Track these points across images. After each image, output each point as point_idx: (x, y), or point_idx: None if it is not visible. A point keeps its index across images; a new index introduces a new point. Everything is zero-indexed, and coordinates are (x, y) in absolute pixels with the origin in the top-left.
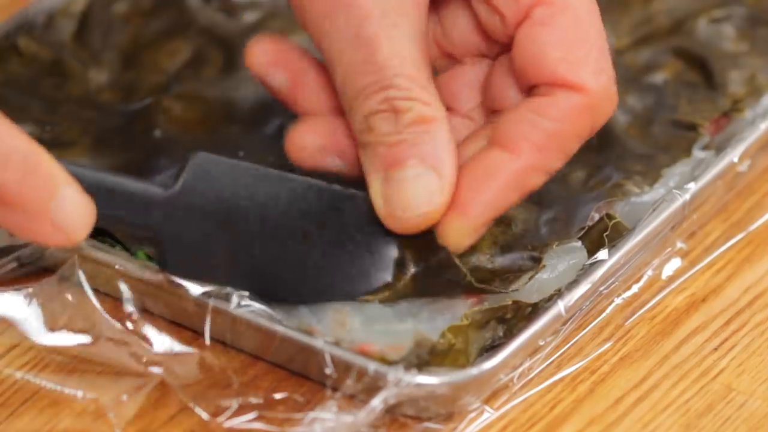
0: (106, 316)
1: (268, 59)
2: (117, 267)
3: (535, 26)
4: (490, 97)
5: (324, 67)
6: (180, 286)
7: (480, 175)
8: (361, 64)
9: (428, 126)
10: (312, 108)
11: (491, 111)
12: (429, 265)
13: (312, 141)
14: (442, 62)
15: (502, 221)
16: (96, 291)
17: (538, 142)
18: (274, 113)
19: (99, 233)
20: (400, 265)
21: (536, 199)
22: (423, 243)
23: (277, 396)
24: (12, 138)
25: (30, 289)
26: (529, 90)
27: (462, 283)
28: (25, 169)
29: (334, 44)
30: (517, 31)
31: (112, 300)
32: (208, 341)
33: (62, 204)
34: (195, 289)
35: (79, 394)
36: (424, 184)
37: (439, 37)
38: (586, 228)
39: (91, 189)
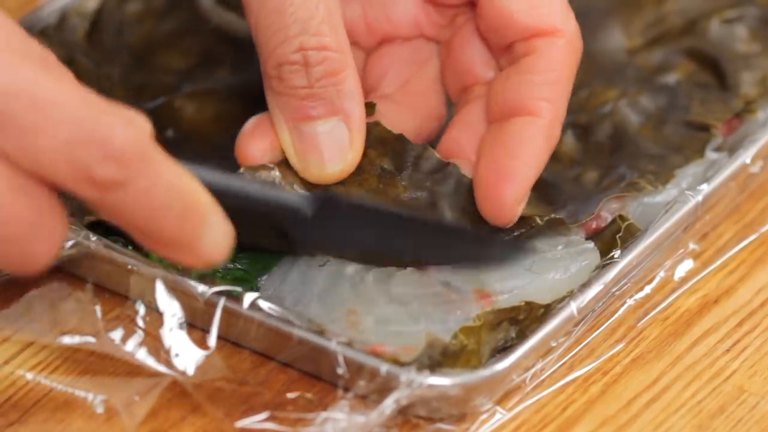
0: (115, 316)
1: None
2: (129, 267)
3: None
4: (457, 74)
5: None
6: (191, 285)
7: (516, 143)
8: (278, 3)
9: (338, 77)
10: None
11: (461, 88)
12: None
13: (261, 149)
14: (373, 45)
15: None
16: (108, 291)
17: (549, 96)
18: None
19: (110, 233)
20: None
21: (550, 199)
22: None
23: (289, 396)
24: (176, 179)
25: (41, 289)
26: (504, 51)
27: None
28: (184, 213)
29: None
30: None
31: (123, 300)
32: (213, 341)
33: (208, 236)
34: (206, 289)
35: (91, 394)
36: (335, 138)
37: (371, 20)
38: (586, 222)
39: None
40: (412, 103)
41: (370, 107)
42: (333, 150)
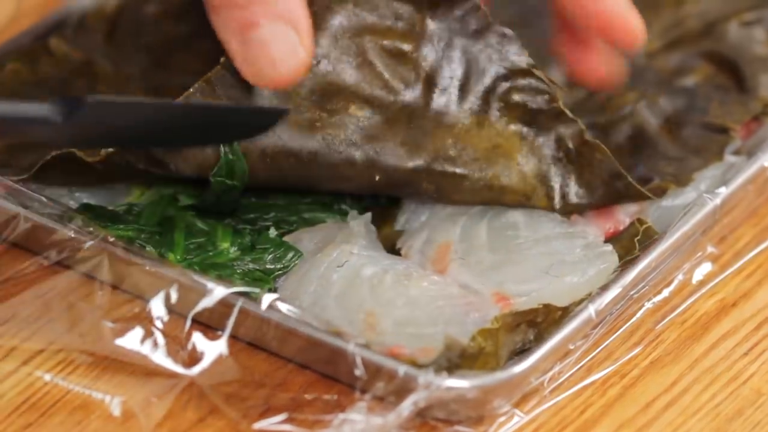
0: (133, 317)
1: None
2: (147, 268)
3: None
4: None
5: None
6: (208, 286)
7: None
8: None
9: None
10: None
11: None
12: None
13: None
14: None
15: None
16: (124, 292)
17: None
18: None
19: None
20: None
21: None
22: None
23: (307, 397)
24: None
25: (59, 291)
26: None
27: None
28: None
29: None
30: None
31: (141, 301)
32: (225, 342)
33: None
34: (224, 290)
35: (108, 396)
36: (283, 39)
37: None
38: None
39: None
40: None
41: None
42: (282, 50)
